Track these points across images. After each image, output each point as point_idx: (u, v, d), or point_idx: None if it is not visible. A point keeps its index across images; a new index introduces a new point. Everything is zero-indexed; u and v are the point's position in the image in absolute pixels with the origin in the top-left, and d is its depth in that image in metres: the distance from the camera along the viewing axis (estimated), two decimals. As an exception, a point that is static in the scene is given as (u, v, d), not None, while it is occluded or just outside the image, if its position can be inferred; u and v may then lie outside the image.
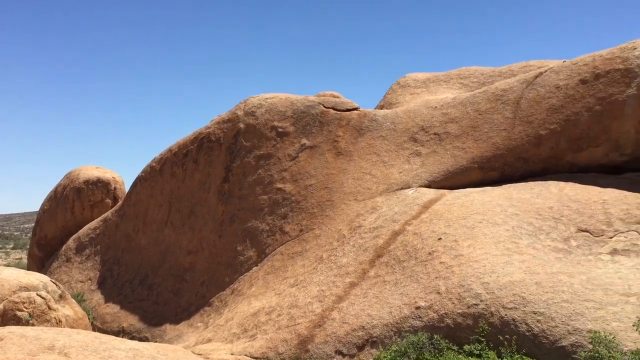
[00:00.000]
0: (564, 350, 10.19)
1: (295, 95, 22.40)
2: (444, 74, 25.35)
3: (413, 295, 12.93)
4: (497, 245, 13.50)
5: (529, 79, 18.13)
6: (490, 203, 15.46)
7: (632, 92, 15.67)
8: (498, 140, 17.63)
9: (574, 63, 17.29)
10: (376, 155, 19.63)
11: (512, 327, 10.95)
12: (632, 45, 16.28)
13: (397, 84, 26.29)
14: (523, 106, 17.61)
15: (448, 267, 13.18)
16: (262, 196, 20.77)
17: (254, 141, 21.88)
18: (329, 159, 20.16)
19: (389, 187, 18.43)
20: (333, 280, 15.32)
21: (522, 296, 11.36)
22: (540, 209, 14.90)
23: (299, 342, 13.86)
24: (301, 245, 18.53)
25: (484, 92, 19.10)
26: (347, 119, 20.84)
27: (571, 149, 16.68)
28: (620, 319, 10.27)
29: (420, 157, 18.87)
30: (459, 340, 11.43)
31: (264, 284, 18.23)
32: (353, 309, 13.74)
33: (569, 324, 10.47)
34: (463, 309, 11.77)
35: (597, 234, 13.92)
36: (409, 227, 15.75)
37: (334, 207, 18.85)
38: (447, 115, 19.29)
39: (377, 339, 12.57)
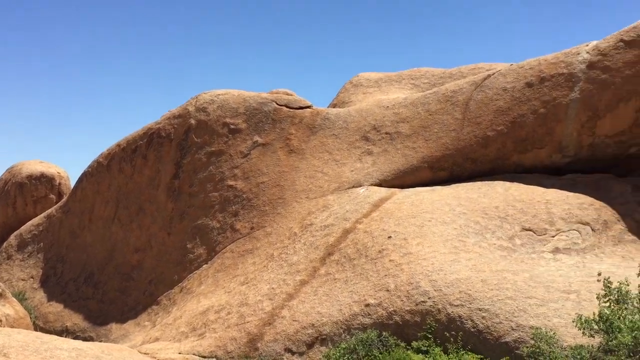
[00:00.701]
0: (507, 346, 10.47)
1: (248, 92, 22.23)
2: (396, 74, 25.62)
3: (363, 293, 13.03)
4: (445, 244, 13.75)
5: (478, 81, 18.54)
6: (439, 202, 15.74)
7: (575, 96, 16.23)
8: (447, 140, 17.96)
9: (521, 66, 17.77)
10: (328, 153, 19.70)
11: (459, 323, 11.18)
12: (575, 51, 16.85)
13: (350, 83, 26.41)
14: (472, 107, 18.00)
15: (397, 265, 13.34)
16: (213, 193, 20.54)
17: (205, 137, 21.61)
18: (281, 156, 20.11)
19: (340, 185, 18.52)
20: (284, 278, 15.29)
21: (468, 293, 11.61)
22: (487, 208, 15.27)
23: (249, 340, 13.78)
24: (252, 243, 18.42)
25: (434, 93, 19.42)
26: (300, 117, 20.82)
27: (517, 150, 17.15)
28: (560, 316, 10.62)
29: (372, 156, 19.03)
30: (407, 337, 11.59)
31: (213, 282, 18.04)
32: (303, 307, 13.75)
33: (513, 320, 10.76)
34: (411, 306, 11.94)
35: (540, 233, 14.37)
36: (360, 225, 15.87)
37: (286, 205, 18.82)
38: (399, 115, 19.52)
39: (326, 336, 12.62)
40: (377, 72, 26.39)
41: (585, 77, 16.15)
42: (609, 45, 16.11)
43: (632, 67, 15.51)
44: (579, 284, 11.73)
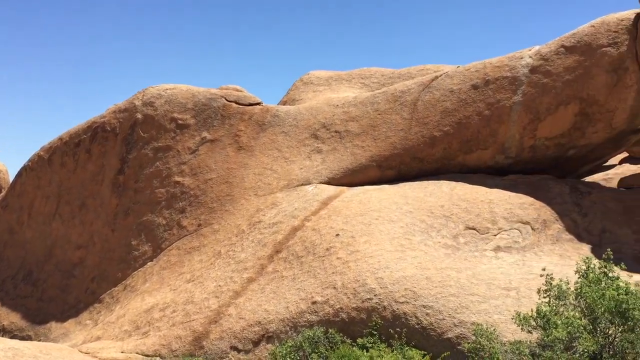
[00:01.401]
0: (450, 342, 10.71)
1: (197, 87, 21.92)
2: (346, 73, 25.78)
3: (310, 291, 13.06)
4: (391, 242, 13.94)
5: (426, 82, 18.86)
6: (387, 201, 15.94)
7: (518, 99, 16.74)
8: (396, 140, 18.20)
9: (467, 69, 18.19)
10: (278, 150, 19.64)
11: (403, 320, 11.36)
12: (519, 55, 17.37)
13: (301, 81, 26.41)
14: (419, 108, 18.30)
15: (345, 263, 13.44)
16: (159, 189, 20.16)
17: (152, 132, 21.17)
18: (230, 153, 19.93)
19: (289, 183, 18.50)
20: (231, 276, 15.17)
21: (413, 291, 11.81)
22: (433, 207, 15.57)
23: (194, 338, 13.60)
24: (199, 240, 18.19)
25: (383, 93, 19.65)
26: (249, 114, 20.68)
27: (462, 151, 17.55)
28: (501, 312, 10.94)
29: (321, 154, 19.09)
30: (353, 334, 11.70)
31: (158, 279, 17.72)
32: (250, 305, 13.67)
33: (455, 316, 11.02)
34: (358, 303, 12.05)
35: (483, 232, 14.76)
36: (308, 223, 15.90)
37: (234, 202, 18.66)
38: (348, 113, 19.65)
39: (273, 334, 12.59)
40: (328, 71, 26.50)
41: (527, 80, 16.67)
42: (551, 50, 16.67)
43: (572, 72, 16.12)
44: (519, 282, 12.11)
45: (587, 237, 14.88)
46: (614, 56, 15.67)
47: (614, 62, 15.66)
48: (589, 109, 16.04)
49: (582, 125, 16.28)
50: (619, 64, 15.62)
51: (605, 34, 15.98)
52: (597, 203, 15.71)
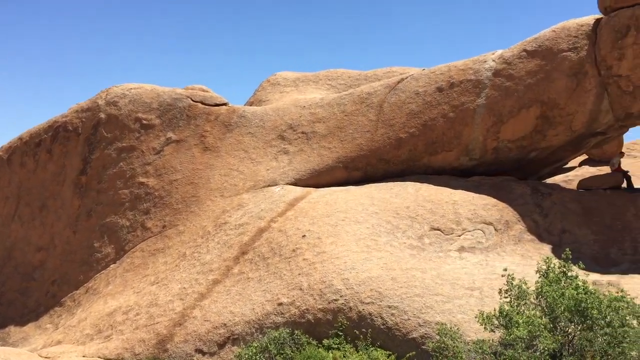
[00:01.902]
0: (414, 342, 10.81)
1: (162, 87, 21.63)
2: (313, 74, 25.80)
3: (276, 292, 13.03)
4: (357, 243, 14.00)
5: (392, 84, 19.01)
6: (353, 202, 16.01)
7: (481, 101, 17.01)
8: (362, 141, 18.30)
9: (432, 71, 18.40)
10: (244, 151, 19.53)
11: (369, 320, 11.42)
12: (483, 59, 17.66)
13: (267, 82, 26.32)
14: (386, 110, 18.43)
15: (311, 264, 13.45)
16: (123, 190, 19.82)
17: (115, 133, 20.81)
18: (196, 154, 19.73)
19: (256, 184, 18.42)
20: (196, 278, 15.02)
21: (378, 291, 11.88)
22: (399, 208, 15.70)
23: (158, 341, 13.42)
24: (164, 241, 17.95)
25: (350, 95, 19.73)
26: (215, 114, 20.51)
27: (427, 152, 17.75)
28: (464, 312, 11.10)
29: (288, 155, 19.07)
30: (319, 335, 11.70)
31: (122, 282, 17.42)
32: (215, 307, 13.56)
33: (420, 316, 11.13)
34: (324, 304, 12.07)
35: (448, 232, 14.95)
36: (275, 224, 15.85)
37: (200, 203, 18.48)
38: (315, 115, 19.67)
39: (239, 336, 12.51)
40: (295, 72, 26.48)
41: (491, 84, 16.96)
42: (513, 54, 17.00)
43: (534, 76, 16.46)
44: (482, 281, 12.31)
45: (548, 237, 15.22)
46: (574, 61, 16.06)
47: (574, 67, 16.06)
48: (549, 112, 16.40)
49: (543, 128, 16.64)
50: (578, 69, 16.02)
51: (565, 38, 16.36)
52: (557, 204, 16.08)
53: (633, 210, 15.80)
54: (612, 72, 15.68)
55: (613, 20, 15.67)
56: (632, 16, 15.28)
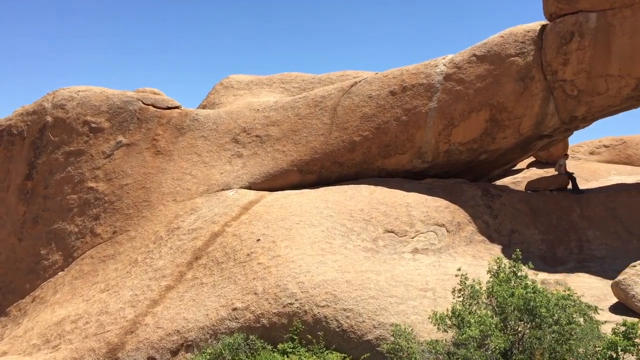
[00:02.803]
0: (369, 344, 10.86)
1: (112, 90, 21.14)
2: (266, 77, 25.71)
3: (230, 297, 12.88)
4: (312, 246, 14.00)
5: (345, 87, 19.13)
6: (308, 205, 16.01)
7: (433, 105, 17.30)
8: (316, 144, 18.33)
9: (385, 75, 18.61)
10: (197, 155, 19.28)
11: (324, 324, 11.41)
12: (434, 63, 17.97)
13: (221, 85, 26.08)
14: (339, 113, 18.52)
15: (266, 268, 13.36)
16: (71, 195, 19.24)
17: (63, 136, 20.20)
18: (147, 157, 19.35)
19: (209, 188, 18.20)
20: (148, 284, 14.71)
21: (333, 294, 11.90)
22: (353, 211, 15.79)
23: (108, 350, 13.07)
24: (114, 247, 17.51)
25: (304, 98, 19.74)
26: (167, 117, 20.17)
27: (381, 155, 17.93)
28: (418, 313, 11.22)
29: (242, 159, 18.93)
30: (274, 340, 11.63)
31: (70, 290, 16.90)
32: (168, 313, 13.30)
33: (375, 318, 11.19)
34: (279, 308, 12.00)
35: (401, 235, 15.12)
36: (229, 228, 15.69)
37: (152, 208, 18.12)
38: (269, 118, 19.60)
39: (192, 342, 12.30)
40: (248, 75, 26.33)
41: (442, 87, 17.27)
42: (463, 59, 17.36)
43: (483, 80, 16.85)
44: (435, 282, 12.49)
45: (498, 237, 15.59)
46: (521, 65, 16.53)
47: (521, 71, 16.52)
48: (498, 116, 16.82)
49: (492, 131, 17.05)
50: (525, 73, 16.50)
51: (513, 44, 16.82)
52: (506, 205, 16.50)
53: (578, 211, 16.36)
54: (557, 77, 16.20)
55: (558, 26, 16.19)
56: (575, 22, 15.83)
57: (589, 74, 15.82)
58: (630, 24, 15.21)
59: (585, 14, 15.75)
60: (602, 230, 15.72)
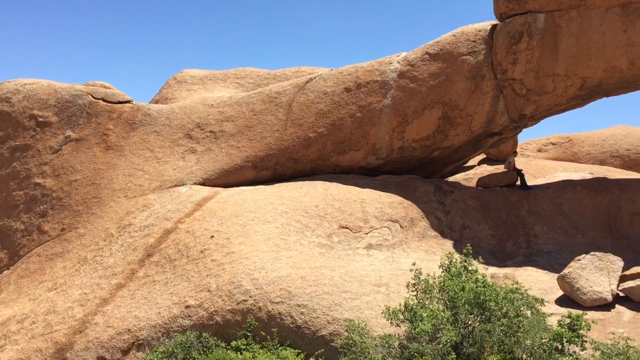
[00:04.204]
0: (323, 339, 10.91)
1: (60, 83, 20.49)
2: (221, 72, 25.40)
3: (183, 295, 12.72)
4: (267, 242, 13.95)
5: (301, 83, 19.11)
6: (263, 201, 15.93)
7: (387, 102, 17.46)
8: (271, 140, 18.26)
9: (340, 72, 18.67)
10: (149, 151, 18.92)
11: (278, 320, 11.40)
12: (388, 60, 18.13)
13: (174, 79, 25.62)
14: (295, 109, 18.49)
15: (220, 265, 13.24)
16: (17, 192, 18.59)
17: (8, 131, 19.48)
18: (97, 153, 18.87)
19: (162, 184, 17.90)
20: (98, 282, 14.37)
21: (288, 290, 11.89)
22: (308, 207, 15.80)
23: (56, 350, 12.70)
24: (62, 245, 17.01)
25: (259, 94, 19.63)
26: (118, 112, 19.71)
27: (336, 151, 18.00)
28: (372, 308, 11.34)
29: (196, 155, 18.68)
30: (228, 337, 11.54)
31: (16, 289, 16.33)
32: (119, 312, 13.03)
33: (329, 314, 11.25)
34: (233, 305, 11.92)
35: (356, 230, 15.23)
36: (182, 225, 15.48)
37: (102, 205, 17.69)
38: (224, 113, 19.40)
39: (144, 341, 12.09)
40: (202, 70, 25.96)
41: (396, 85, 17.46)
42: (417, 57, 17.58)
43: (436, 78, 17.12)
44: (389, 277, 12.64)
45: (450, 233, 15.89)
46: (473, 64, 16.86)
47: (473, 70, 16.85)
48: (450, 113, 17.12)
49: (445, 128, 17.34)
50: (477, 72, 16.84)
51: (465, 43, 17.14)
52: (458, 201, 16.83)
53: (526, 206, 16.82)
54: (507, 76, 16.60)
55: (508, 26, 16.58)
56: (524, 23, 16.25)
57: (537, 73, 16.26)
58: (576, 25, 15.70)
59: (534, 14, 16.18)
60: (549, 225, 16.22)
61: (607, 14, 15.40)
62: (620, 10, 15.29)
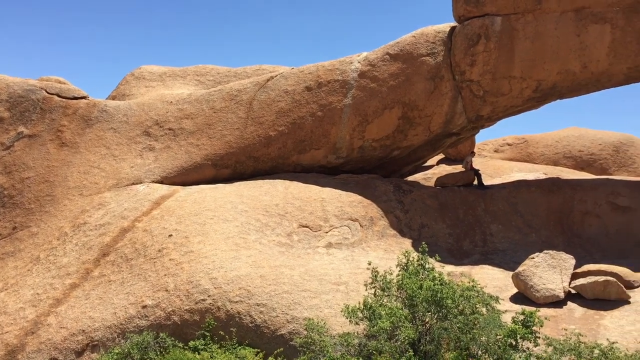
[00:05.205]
0: (283, 338, 10.89)
1: (12, 77, 19.86)
2: (180, 69, 25.05)
3: (140, 294, 12.50)
4: (226, 241, 13.84)
5: (262, 81, 19.02)
6: (222, 200, 15.80)
7: (348, 101, 17.55)
8: (231, 138, 18.12)
9: (301, 70, 18.67)
10: (106, 148, 18.52)
11: (237, 319, 11.33)
12: (349, 60, 18.23)
13: (132, 75, 25.13)
14: (255, 107, 18.40)
15: (178, 264, 13.07)
16: (-35, 189, 17.93)
17: (-43, 125, 18.78)
18: (51, 150, 18.37)
19: (119, 182, 17.55)
20: (51, 282, 13.99)
21: (247, 289, 11.83)
22: (268, 206, 15.74)
23: (7, 352, 12.32)
24: (14, 244, 16.49)
25: (219, 91, 19.45)
26: (73, 108, 19.22)
27: (296, 150, 18.00)
28: (331, 306, 11.38)
29: (154, 152, 18.39)
30: (186, 337, 11.40)
31: (-36, 290, 15.78)
32: (73, 313, 12.73)
33: (288, 313, 11.24)
34: (191, 305, 11.78)
35: (316, 229, 15.25)
36: (139, 223, 15.22)
37: (56, 203, 17.23)
38: (183, 111, 19.16)
39: (98, 342, 11.84)
40: (161, 66, 25.53)
41: (357, 84, 17.56)
42: (377, 57, 17.72)
43: (396, 78, 17.29)
44: (348, 276, 12.71)
45: (409, 232, 16.08)
46: (432, 65, 17.09)
47: (432, 71, 17.09)
48: (410, 113, 17.32)
49: (404, 128, 17.53)
50: (436, 73, 17.08)
51: (424, 44, 17.36)
52: (417, 200, 17.04)
53: (483, 206, 17.17)
54: (465, 77, 16.89)
55: (466, 28, 16.87)
56: (482, 25, 16.56)
57: (494, 75, 16.60)
58: (532, 29, 16.09)
59: (491, 17, 16.51)
60: (504, 224, 16.59)
61: (561, 18, 15.83)
62: (573, 14, 15.73)
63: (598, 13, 15.53)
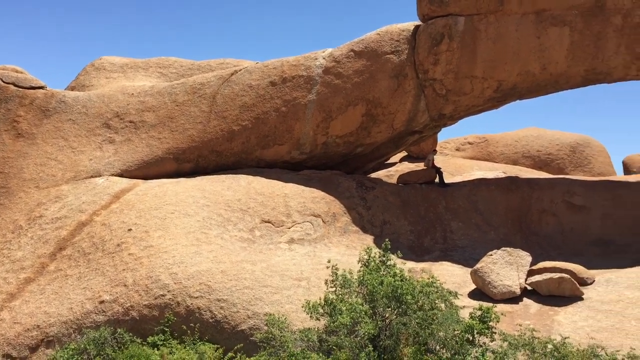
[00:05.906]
0: (243, 334, 10.86)
1: (-34, 65, 19.22)
2: (142, 61, 24.59)
3: (97, 289, 12.27)
4: (187, 236, 13.69)
5: (225, 75, 18.84)
6: (184, 194, 15.62)
7: (312, 97, 17.54)
8: (194, 132, 17.92)
9: (266, 65, 18.57)
10: (64, 139, 18.07)
11: (197, 315, 11.23)
12: (314, 56, 18.21)
13: (92, 66, 24.54)
14: (219, 101, 18.23)
15: (137, 259, 12.88)
16: None
17: None
18: (7, 140, 17.83)
19: (77, 174, 17.15)
20: (5, 277, 13.61)
21: (208, 285, 11.73)
22: (230, 201, 15.63)
23: (-43, 349, 11.94)
24: (-35, 238, 15.98)
25: (182, 84, 19.19)
26: (30, 98, 18.70)
27: (260, 145, 17.91)
28: (292, 302, 11.39)
29: (114, 145, 18.04)
30: (144, 332, 11.25)
31: None
32: (27, 308, 12.41)
33: (249, 308, 11.20)
34: (150, 300, 11.63)
35: (278, 225, 15.22)
36: (98, 217, 14.92)
37: (10, 195, 16.74)
38: (145, 103, 18.84)
39: (54, 337, 11.58)
40: (123, 57, 25.01)
41: (321, 80, 17.56)
42: (342, 53, 17.76)
43: (360, 75, 17.35)
44: (310, 272, 12.72)
45: (371, 228, 16.19)
46: (396, 63, 17.21)
47: (396, 69, 17.21)
48: (374, 111, 17.42)
49: (368, 125, 17.62)
50: (399, 71, 17.21)
51: (389, 42, 17.47)
52: (379, 197, 17.17)
53: (444, 203, 17.41)
54: (428, 76, 17.07)
55: (430, 27, 17.04)
56: (445, 25, 16.75)
57: (456, 74, 16.82)
58: (494, 30, 16.36)
59: (454, 17, 16.71)
60: (464, 221, 16.86)
61: (522, 20, 16.13)
62: (534, 17, 16.06)
63: (558, 16, 15.88)
